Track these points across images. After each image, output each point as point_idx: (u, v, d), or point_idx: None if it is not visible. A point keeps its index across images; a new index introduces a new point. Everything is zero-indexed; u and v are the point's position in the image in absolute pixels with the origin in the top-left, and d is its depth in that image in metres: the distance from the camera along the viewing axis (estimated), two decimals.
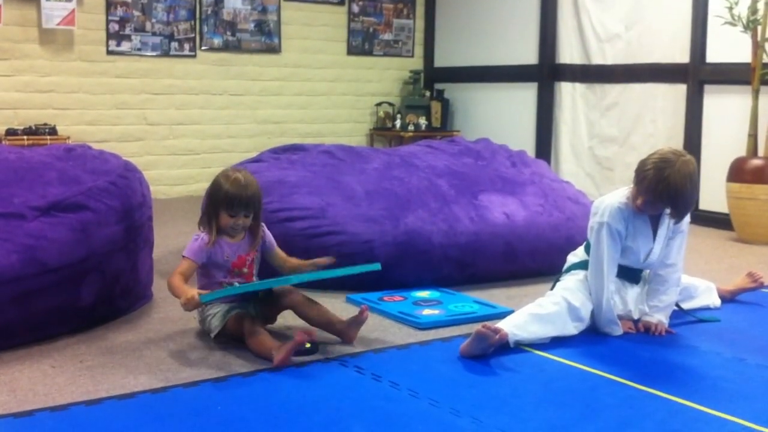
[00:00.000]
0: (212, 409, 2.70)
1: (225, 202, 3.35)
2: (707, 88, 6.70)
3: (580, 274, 3.66)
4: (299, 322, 3.51)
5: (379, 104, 8.88)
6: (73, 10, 7.04)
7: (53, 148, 4.24)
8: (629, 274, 3.66)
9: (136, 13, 7.47)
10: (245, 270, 3.47)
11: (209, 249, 3.38)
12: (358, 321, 3.43)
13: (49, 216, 3.40)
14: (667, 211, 3.49)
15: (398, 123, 8.72)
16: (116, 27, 7.37)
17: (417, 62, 9.16)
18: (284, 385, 2.94)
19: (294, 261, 3.60)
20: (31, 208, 3.40)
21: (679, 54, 6.84)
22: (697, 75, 6.71)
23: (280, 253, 3.60)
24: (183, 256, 3.41)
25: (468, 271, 4.43)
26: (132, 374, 3.01)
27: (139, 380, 2.95)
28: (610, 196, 3.60)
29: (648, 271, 3.70)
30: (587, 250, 3.66)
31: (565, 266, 3.80)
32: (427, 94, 8.94)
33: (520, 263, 4.57)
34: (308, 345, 3.25)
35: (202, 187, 7.58)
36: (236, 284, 3.40)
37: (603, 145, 7.53)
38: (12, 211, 3.36)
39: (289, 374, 3.05)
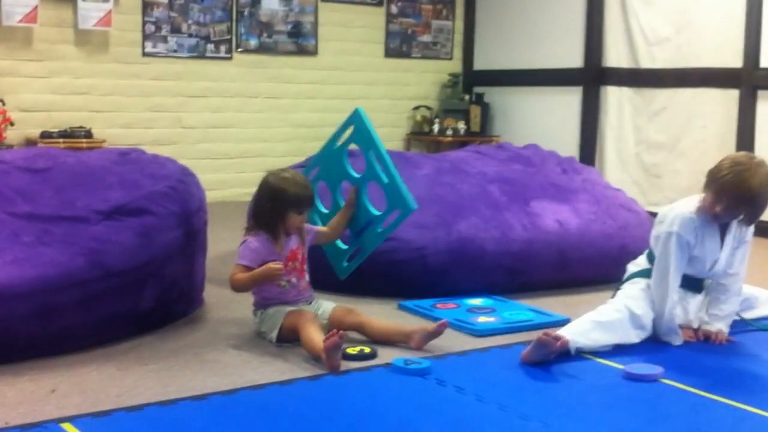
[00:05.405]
0: (284, 411, 2.73)
1: (295, 203, 3.48)
2: (761, 93, 6.53)
3: (641, 282, 3.64)
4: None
5: (416, 108, 8.73)
6: (110, 11, 6.96)
7: (107, 152, 4.30)
8: (693, 284, 3.64)
9: (173, 14, 7.40)
10: (297, 264, 3.54)
11: (265, 252, 3.45)
12: (432, 333, 3.42)
13: (112, 220, 3.43)
14: (740, 216, 3.48)
15: (436, 127, 8.55)
16: (152, 28, 7.32)
17: (456, 65, 8.98)
18: (349, 390, 2.97)
19: (337, 217, 3.85)
20: (95, 212, 3.43)
21: (731, 58, 6.66)
22: (750, 80, 6.55)
23: (323, 228, 3.85)
24: (237, 264, 3.47)
25: (519, 279, 4.40)
26: (198, 376, 3.04)
27: (207, 383, 2.97)
28: (679, 205, 3.58)
29: (710, 280, 3.68)
30: (649, 258, 3.66)
31: (626, 275, 3.78)
32: (466, 97, 8.75)
33: (571, 272, 4.54)
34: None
35: (235, 192, 7.38)
36: (293, 280, 3.51)
37: (650, 152, 7.34)
38: (76, 214, 3.40)
39: (351, 379, 3.07)
